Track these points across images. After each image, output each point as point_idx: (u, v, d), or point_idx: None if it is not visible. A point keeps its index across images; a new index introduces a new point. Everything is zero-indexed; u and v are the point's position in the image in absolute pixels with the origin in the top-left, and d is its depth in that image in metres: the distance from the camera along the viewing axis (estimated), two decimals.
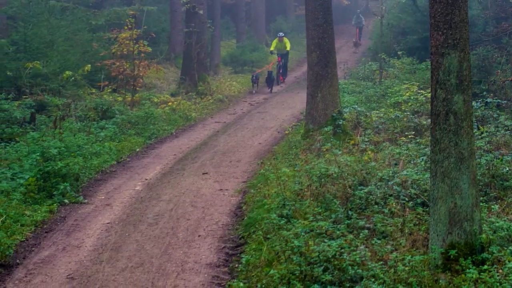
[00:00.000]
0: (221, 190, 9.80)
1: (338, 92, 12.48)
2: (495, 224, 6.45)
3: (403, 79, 16.19)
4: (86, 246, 7.52)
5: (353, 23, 29.29)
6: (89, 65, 14.58)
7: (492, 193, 7.73)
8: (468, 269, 5.56)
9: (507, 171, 8.10)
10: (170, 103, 16.19)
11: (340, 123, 11.73)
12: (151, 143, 13.38)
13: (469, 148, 5.96)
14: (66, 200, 9.19)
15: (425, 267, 5.82)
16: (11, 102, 12.90)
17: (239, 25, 28.20)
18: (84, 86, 15.49)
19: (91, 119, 13.29)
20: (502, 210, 7.24)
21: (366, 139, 11.31)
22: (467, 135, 5.97)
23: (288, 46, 21.35)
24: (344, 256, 5.97)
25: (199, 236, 7.83)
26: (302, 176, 8.94)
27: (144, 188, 9.95)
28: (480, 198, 6.65)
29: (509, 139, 9.98)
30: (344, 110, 12.66)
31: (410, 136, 11.02)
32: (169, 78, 20.71)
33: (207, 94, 18.43)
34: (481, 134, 10.12)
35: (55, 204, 8.94)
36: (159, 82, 19.96)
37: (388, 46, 19.65)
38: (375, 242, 6.51)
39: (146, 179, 10.48)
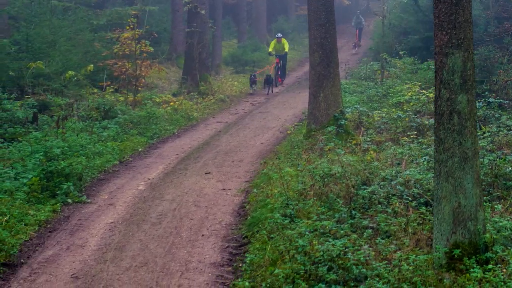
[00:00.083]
0: (224, 189, 9.81)
1: (340, 92, 12.48)
2: (498, 224, 6.46)
3: (404, 79, 16.21)
4: (90, 246, 7.53)
5: (353, 24, 29.13)
6: (91, 65, 14.59)
7: (495, 192, 7.75)
8: (472, 268, 5.57)
9: (510, 170, 8.11)
10: (172, 103, 16.20)
11: (342, 123, 11.75)
12: (154, 143, 13.39)
13: (473, 147, 5.97)
14: (69, 200, 9.20)
15: (429, 266, 5.83)
16: (13, 102, 12.94)
17: (240, 25, 28.21)
18: (86, 86, 15.51)
19: (93, 119, 13.30)
20: (506, 209, 7.25)
21: (368, 139, 11.32)
22: (471, 134, 5.98)
23: (286, 47, 20.91)
24: (348, 256, 5.98)
25: (202, 235, 7.84)
26: (305, 176, 8.95)
27: (147, 188, 9.96)
28: (484, 198, 6.66)
29: (511, 138, 10.00)
30: (346, 110, 12.67)
31: (412, 136, 11.04)
32: (170, 78, 20.74)
33: (209, 94, 18.46)
34: (483, 134, 10.14)
35: (58, 204, 8.96)
36: (160, 82, 19.98)
37: (389, 46, 19.66)
38: (379, 241, 6.53)
39: (149, 179, 10.50)
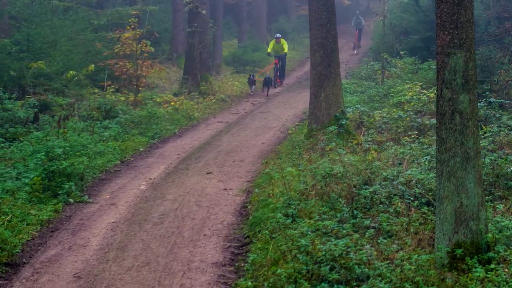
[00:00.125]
0: (225, 189, 9.81)
1: (341, 92, 12.49)
2: (500, 224, 6.47)
3: (405, 79, 16.21)
4: (92, 245, 7.54)
5: (352, 24, 28.79)
6: (92, 65, 14.60)
7: (497, 192, 7.75)
8: (475, 268, 5.58)
9: (511, 170, 8.11)
10: (173, 103, 16.21)
11: (343, 122, 11.75)
12: (155, 143, 13.40)
13: (474, 147, 5.99)
14: (71, 200, 9.21)
15: (431, 266, 5.84)
16: (14, 102, 12.96)
17: (241, 25, 28.21)
18: (87, 86, 15.52)
19: (94, 118, 13.31)
20: (507, 209, 7.25)
21: (369, 139, 11.33)
22: (473, 134, 5.99)
23: (285, 48, 20.58)
24: (350, 255, 5.99)
25: (204, 235, 7.85)
26: (306, 176, 8.95)
27: (149, 188, 9.97)
28: (485, 198, 6.67)
29: None
30: (347, 110, 12.68)
31: (413, 136, 11.05)
32: (171, 78, 20.75)
33: (210, 94, 18.46)
34: (484, 134, 10.15)
35: (60, 204, 8.97)
36: (161, 82, 19.99)
37: (390, 46, 19.66)
38: (381, 241, 6.54)
39: (151, 179, 10.50)
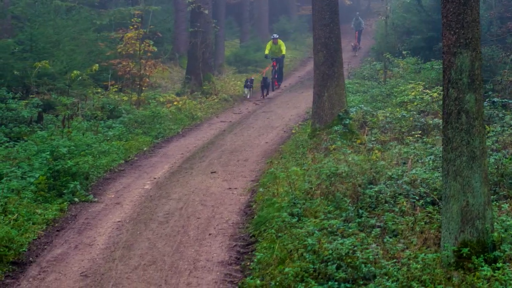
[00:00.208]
0: (230, 189, 9.84)
1: (345, 92, 12.51)
2: (506, 223, 6.49)
3: (408, 79, 16.23)
4: (98, 244, 7.57)
5: (352, 26, 28.15)
6: (96, 64, 14.62)
7: (502, 191, 7.78)
8: (481, 267, 5.60)
9: None
10: (176, 103, 16.23)
11: (346, 122, 11.78)
12: (158, 142, 13.42)
13: (481, 146, 6.01)
14: (76, 199, 9.23)
15: (437, 265, 5.86)
16: (18, 101, 12.97)
17: (243, 25, 28.21)
18: (90, 85, 15.55)
19: (99, 118, 13.33)
20: None
21: (373, 139, 11.35)
22: (479, 133, 6.01)
23: (283, 49, 19.90)
24: (357, 254, 6.02)
25: (210, 234, 7.88)
26: (311, 175, 8.98)
27: (153, 187, 10.00)
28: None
29: None
30: (350, 109, 12.70)
31: (416, 136, 11.08)
32: (173, 78, 20.77)
33: (212, 94, 18.48)
34: (487, 134, 10.16)
35: (65, 203, 8.99)
36: (163, 82, 20.01)
37: (392, 45, 19.68)
38: (387, 240, 6.56)
39: (155, 178, 10.53)
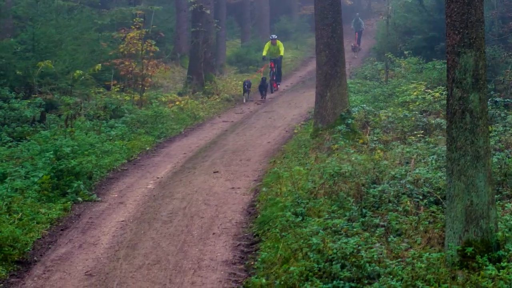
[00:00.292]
0: (233, 188, 9.85)
1: (347, 92, 12.52)
2: (510, 222, 6.49)
3: (410, 79, 16.25)
4: (102, 244, 7.58)
5: (352, 27, 27.53)
6: (99, 64, 14.64)
7: (505, 191, 7.79)
8: (486, 266, 5.62)
9: None
10: (178, 102, 16.26)
11: (349, 122, 11.79)
12: (161, 142, 13.44)
13: (485, 146, 6.02)
14: (80, 198, 9.25)
15: (441, 264, 5.87)
16: (21, 101, 13.00)
17: (244, 24, 28.23)
18: (92, 85, 15.57)
19: (101, 118, 13.35)
20: None
21: (375, 138, 11.36)
22: (483, 133, 6.02)
23: (282, 50, 19.40)
24: (361, 254, 6.03)
25: (213, 234, 7.89)
26: (314, 175, 8.99)
27: (157, 187, 10.01)
28: None
29: None
30: (352, 109, 12.71)
31: (419, 135, 11.09)
32: (175, 78, 20.79)
33: (214, 94, 18.50)
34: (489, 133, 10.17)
35: (69, 202, 9.01)
36: (165, 82, 20.04)
37: (393, 45, 19.69)
38: (391, 239, 6.57)
39: (158, 178, 10.54)
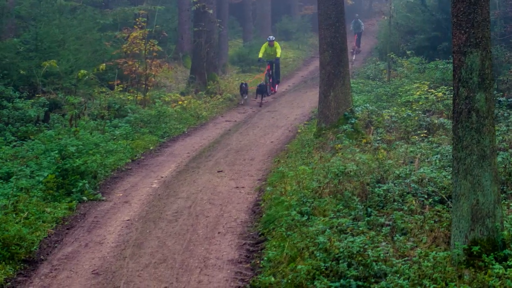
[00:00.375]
0: (237, 187, 9.88)
1: (350, 91, 12.55)
2: None
3: (412, 79, 16.26)
4: (108, 243, 7.61)
5: (351, 28, 26.81)
6: (103, 64, 14.66)
7: (510, 190, 7.81)
8: (492, 265, 5.64)
9: None
10: (181, 102, 16.28)
11: (352, 121, 11.81)
12: (164, 142, 13.47)
13: (491, 145, 6.04)
14: (85, 198, 9.28)
15: (448, 263, 5.90)
16: (25, 101, 13.02)
17: (246, 24, 28.24)
18: (96, 84, 15.59)
19: (106, 117, 13.38)
20: None
21: (378, 138, 11.38)
22: (489, 132, 6.04)
23: (279, 51, 18.91)
24: (368, 252, 6.05)
25: (218, 233, 7.92)
26: (319, 174, 9.01)
27: (161, 186, 10.03)
28: None
29: None
30: (355, 109, 12.73)
31: (422, 135, 11.12)
32: (178, 77, 20.81)
33: (217, 93, 18.51)
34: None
35: (74, 201, 9.04)
36: (168, 81, 20.05)
37: (396, 45, 19.70)
38: (397, 238, 6.59)
39: (162, 177, 10.57)
